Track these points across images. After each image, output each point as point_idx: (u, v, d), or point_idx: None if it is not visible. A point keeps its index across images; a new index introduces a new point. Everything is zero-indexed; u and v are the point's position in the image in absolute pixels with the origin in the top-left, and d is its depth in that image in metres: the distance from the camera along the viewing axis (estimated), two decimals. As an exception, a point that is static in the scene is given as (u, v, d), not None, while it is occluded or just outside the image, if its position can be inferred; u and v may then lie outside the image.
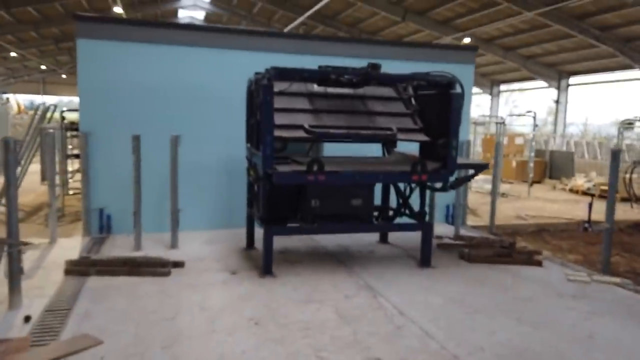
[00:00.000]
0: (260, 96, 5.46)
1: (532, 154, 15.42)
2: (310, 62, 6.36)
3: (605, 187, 14.37)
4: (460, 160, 6.61)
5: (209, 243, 7.50)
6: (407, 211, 6.84)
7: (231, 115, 8.17)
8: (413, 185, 6.73)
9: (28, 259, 6.39)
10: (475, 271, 6.43)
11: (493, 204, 9.34)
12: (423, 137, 6.41)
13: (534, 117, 15.15)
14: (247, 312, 4.89)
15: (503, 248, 7.03)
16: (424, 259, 6.52)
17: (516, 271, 6.49)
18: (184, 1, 31.12)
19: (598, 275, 6.41)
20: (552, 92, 29.35)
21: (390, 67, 6.30)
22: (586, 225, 10.73)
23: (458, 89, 6.00)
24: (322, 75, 5.81)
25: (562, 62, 27.36)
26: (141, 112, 7.82)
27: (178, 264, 6.19)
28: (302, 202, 6.20)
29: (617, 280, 6.15)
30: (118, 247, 7.13)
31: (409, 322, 4.73)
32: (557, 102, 29.20)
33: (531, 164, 14.77)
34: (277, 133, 5.61)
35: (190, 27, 8.04)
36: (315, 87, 6.63)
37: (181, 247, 7.18)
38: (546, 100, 31.20)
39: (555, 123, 30.05)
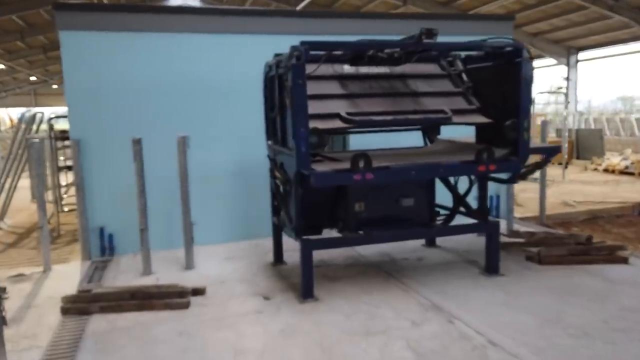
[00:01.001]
0: (288, 80, 4.36)
1: (566, 134, 14.27)
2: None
3: (647, 165, 13.34)
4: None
5: (229, 259, 6.42)
6: (463, 209, 5.75)
7: (244, 109, 7.09)
8: (472, 177, 5.63)
9: (17, 295, 5.32)
10: (554, 276, 5.35)
11: (542, 192, 8.26)
12: (483, 119, 5.32)
13: (566, 94, 14.02)
14: (295, 354, 3.81)
15: (578, 244, 5.95)
16: (491, 266, 5.44)
17: (601, 273, 5.41)
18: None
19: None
20: (559, 70, 28.16)
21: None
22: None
23: (526, 56, 4.90)
24: (365, 48, 4.69)
25: (571, 38, 26.10)
26: (140, 112, 6.72)
27: (198, 291, 5.11)
28: (343, 207, 5.13)
29: None
30: (124, 271, 6.05)
31: (508, 357, 3.65)
32: (567, 79, 28.09)
33: (565, 145, 13.65)
34: (312, 124, 4.52)
35: (187, 10, 6.96)
36: (346, 68, 5.55)
37: (197, 266, 6.10)
38: (549, 79, 30.20)
39: (566, 101, 29.07)
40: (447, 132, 6.46)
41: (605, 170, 14.19)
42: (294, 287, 5.23)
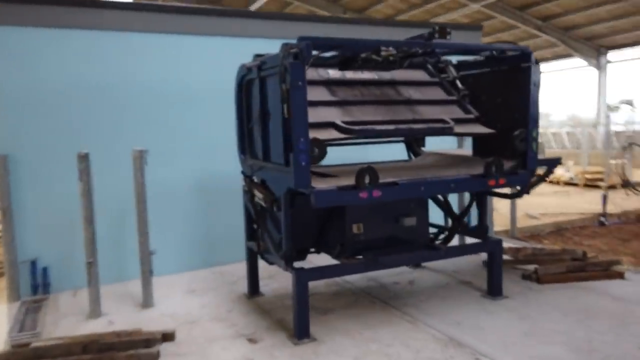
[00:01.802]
0: (286, 82, 3.65)
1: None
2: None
3: (590, 176, 13.81)
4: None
5: (193, 293, 5.52)
6: (460, 227, 5.28)
7: (207, 118, 6.29)
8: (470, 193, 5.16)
9: None
10: (559, 296, 4.98)
11: (513, 205, 8.06)
12: (483, 129, 4.89)
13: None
14: (311, 418, 3.08)
15: (575, 260, 5.67)
16: (494, 287, 4.98)
17: (605, 290, 5.12)
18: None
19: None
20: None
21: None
22: (602, 219, 9.82)
23: (533, 62, 4.54)
24: (374, 48, 4.08)
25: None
26: (83, 122, 5.70)
27: (167, 337, 4.21)
28: (338, 229, 4.46)
29: None
30: (66, 314, 4.98)
31: (563, 403, 3.14)
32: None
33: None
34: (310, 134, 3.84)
35: (140, 6, 6.07)
36: (331, 73, 4.95)
37: (158, 303, 5.16)
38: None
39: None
40: (429, 144, 6.02)
41: (551, 182, 14.55)
42: (282, 324, 4.48)
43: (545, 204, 11.42)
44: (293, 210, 4.25)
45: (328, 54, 4.48)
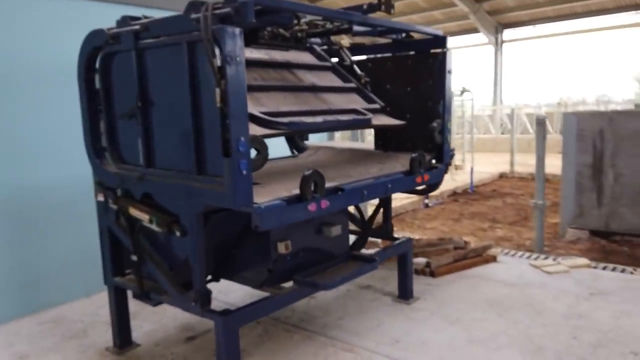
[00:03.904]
0: (220, 56, 2.52)
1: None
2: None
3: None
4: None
5: (24, 358, 3.83)
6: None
7: (16, 106, 4.46)
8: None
9: None
10: (461, 289, 4.92)
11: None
12: (393, 120, 4.44)
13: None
14: None
15: (458, 249, 5.73)
16: (407, 290, 4.65)
17: (491, 276, 5.28)
18: None
19: (560, 258, 5.78)
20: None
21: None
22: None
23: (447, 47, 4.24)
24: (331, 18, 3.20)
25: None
26: None
27: None
28: (257, 250, 3.48)
29: (586, 261, 5.59)
30: None
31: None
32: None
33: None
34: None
35: None
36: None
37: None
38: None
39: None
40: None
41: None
42: (191, 387, 3.33)
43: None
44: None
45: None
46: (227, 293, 4.74)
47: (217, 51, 2.57)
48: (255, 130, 2.97)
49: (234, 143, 2.59)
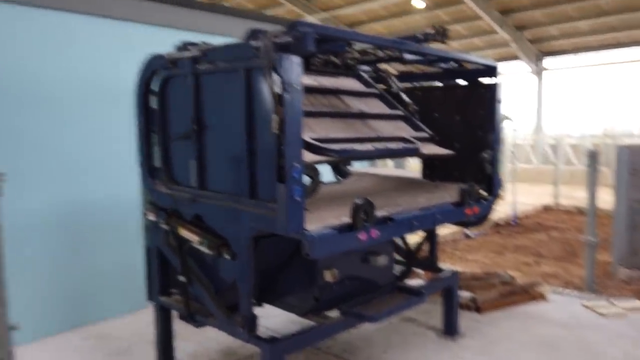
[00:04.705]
0: (283, 81, 2.55)
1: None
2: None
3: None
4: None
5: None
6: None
7: (74, 126, 4.64)
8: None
9: None
10: (509, 327, 4.72)
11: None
12: (442, 150, 4.36)
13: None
14: None
15: (504, 284, 5.53)
16: (453, 326, 4.50)
17: (542, 315, 5.04)
18: None
19: (613, 299, 5.48)
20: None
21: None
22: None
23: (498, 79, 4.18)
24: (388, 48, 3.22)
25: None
26: None
27: None
28: (303, 277, 3.45)
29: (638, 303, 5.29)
30: None
31: None
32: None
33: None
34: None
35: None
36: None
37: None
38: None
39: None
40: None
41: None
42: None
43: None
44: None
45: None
46: (268, 317, 4.70)
47: (274, 78, 2.59)
48: (307, 156, 2.96)
49: (289, 169, 2.60)
